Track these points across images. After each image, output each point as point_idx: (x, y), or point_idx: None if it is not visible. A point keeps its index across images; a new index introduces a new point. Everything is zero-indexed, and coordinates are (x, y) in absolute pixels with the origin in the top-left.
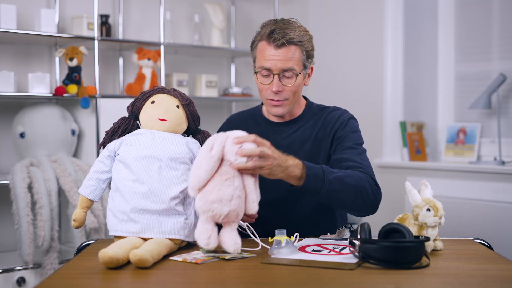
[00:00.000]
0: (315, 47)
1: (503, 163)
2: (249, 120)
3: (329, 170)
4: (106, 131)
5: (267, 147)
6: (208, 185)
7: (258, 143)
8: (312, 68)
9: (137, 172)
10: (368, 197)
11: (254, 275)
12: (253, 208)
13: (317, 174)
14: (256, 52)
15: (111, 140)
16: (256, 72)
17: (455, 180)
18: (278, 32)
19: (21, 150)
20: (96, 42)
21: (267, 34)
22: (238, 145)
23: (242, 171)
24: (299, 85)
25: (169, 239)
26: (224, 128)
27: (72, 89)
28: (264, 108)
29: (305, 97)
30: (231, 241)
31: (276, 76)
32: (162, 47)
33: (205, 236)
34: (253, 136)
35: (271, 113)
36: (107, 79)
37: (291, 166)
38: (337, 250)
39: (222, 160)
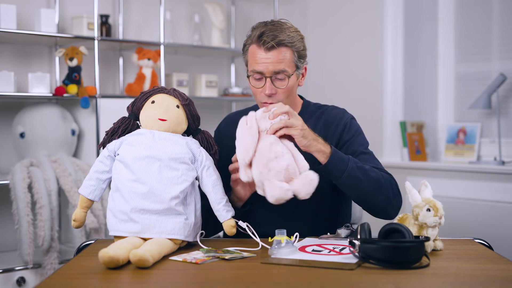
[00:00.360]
0: (315, 48)
1: (503, 163)
2: None
3: (354, 159)
4: (106, 131)
5: (296, 116)
6: (255, 155)
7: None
8: (305, 68)
9: (137, 172)
10: (388, 196)
11: (254, 275)
12: (305, 164)
13: (342, 158)
14: (248, 56)
15: (111, 140)
16: (249, 76)
17: (455, 180)
18: (268, 35)
19: (21, 150)
20: (96, 42)
21: (257, 37)
22: (268, 113)
23: (279, 136)
24: (292, 86)
25: (169, 239)
26: (222, 127)
27: (72, 89)
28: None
29: (301, 97)
30: (307, 186)
31: (268, 79)
32: (162, 47)
33: (278, 191)
34: (280, 103)
35: None
36: (107, 79)
37: (321, 139)
38: (337, 250)
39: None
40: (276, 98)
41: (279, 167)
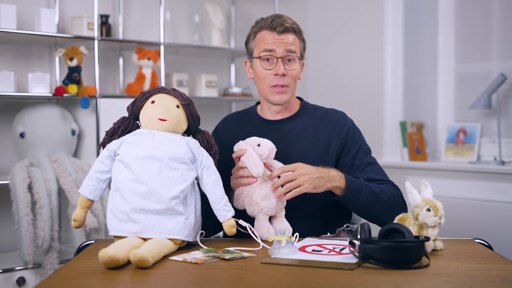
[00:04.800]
0: (315, 48)
1: (503, 163)
2: (245, 120)
3: (366, 184)
4: (106, 131)
5: (299, 168)
6: (248, 190)
7: (287, 170)
8: (303, 64)
9: (137, 172)
10: (396, 212)
11: (254, 275)
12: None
13: (356, 187)
14: (256, 42)
15: (111, 140)
16: (255, 58)
17: (455, 180)
18: (278, 21)
19: (21, 150)
20: (96, 42)
21: (268, 23)
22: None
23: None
24: (298, 72)
25: (169, 239)
26: (219, 128)
27: (72, 89)
28: (259, 107)
29: (300, 98)
30: (285, 229)
31: (280, 60)
32: (162, 47)
33: (264, 231)
34: (278, 170)
35: (274, 101)
36: (107, 79)
37: (336, 176)
38: (337, 250)
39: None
40: (286, 80)
41: (269, 205)
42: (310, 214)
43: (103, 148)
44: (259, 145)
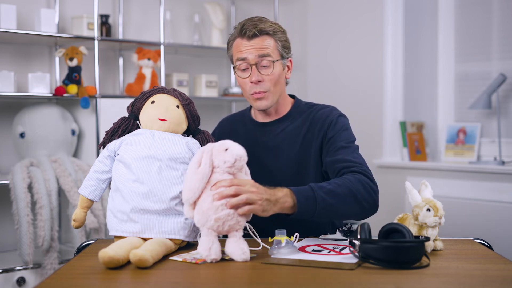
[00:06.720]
0: (315, 48)
1: (503, 163)
2: (238, 123)
3: (318, 187)
4: (106, 131)
5: (250, 185)
6: (201, 197)
7: (236, 185)
8: (291, 61)
9: (137, 172)
10: (364, 199)
11: (254, 275)
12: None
13: (307, 196)
14: (232, 51)
15: (111, 140)
16: (234, 67)
17: (455, 180)
18: (249, 25)
19: (21, 150)
20: (96, 42)
21: (239, 30)
22: (224, 155)
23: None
24: (278, 75)
25: (169, 239)
26: (217, 132)
27: (72, 89)
28: (252, 110)
29: (293, 96)
30: (239, 251)
31: (253, 67)
32: (162, 47)
33: (206, 247)
34: (228, 181)
35: (255, 108)
36: (107, 79)
37: (282, 197)
38: (337, 250)
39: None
40: (263, 86)
41: (218, 216)
42: None
43: (103, 148)
44: (226, 149)
